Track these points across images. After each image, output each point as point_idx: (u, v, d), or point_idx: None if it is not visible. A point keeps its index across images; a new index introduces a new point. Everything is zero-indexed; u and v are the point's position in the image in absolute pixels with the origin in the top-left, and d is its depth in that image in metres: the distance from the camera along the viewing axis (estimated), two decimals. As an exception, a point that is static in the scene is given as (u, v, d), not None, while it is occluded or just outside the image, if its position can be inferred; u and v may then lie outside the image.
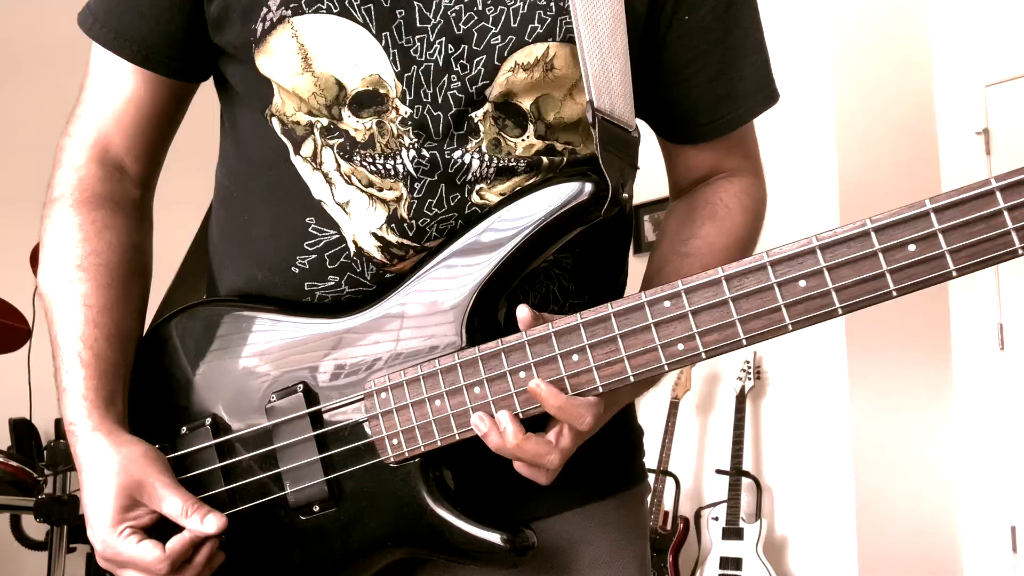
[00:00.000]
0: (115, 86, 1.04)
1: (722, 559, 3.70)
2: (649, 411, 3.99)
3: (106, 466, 0.93)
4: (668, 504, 3.97)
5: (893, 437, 3.87)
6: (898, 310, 3.82)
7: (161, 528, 0.94)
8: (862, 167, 3.90)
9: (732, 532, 3.72)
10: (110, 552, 0.93)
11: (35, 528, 3.25)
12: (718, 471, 3.88)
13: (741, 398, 3.87)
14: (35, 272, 1.04)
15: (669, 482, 3.94)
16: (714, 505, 3.83)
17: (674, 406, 3.99)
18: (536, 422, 0.87)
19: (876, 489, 3.75)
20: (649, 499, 3.51)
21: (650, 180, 1.66)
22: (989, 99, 4.26)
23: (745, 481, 3.80)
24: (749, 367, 3.90)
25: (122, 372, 1.00)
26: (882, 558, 3.70)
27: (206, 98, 1.10)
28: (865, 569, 3.65)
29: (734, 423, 3.85)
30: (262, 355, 0.98)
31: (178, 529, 0.93)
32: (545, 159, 0.95)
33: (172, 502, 0.93)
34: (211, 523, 0.92)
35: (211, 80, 1.08)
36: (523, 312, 0.86)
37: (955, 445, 4.14)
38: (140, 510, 0.94)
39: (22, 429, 3.49)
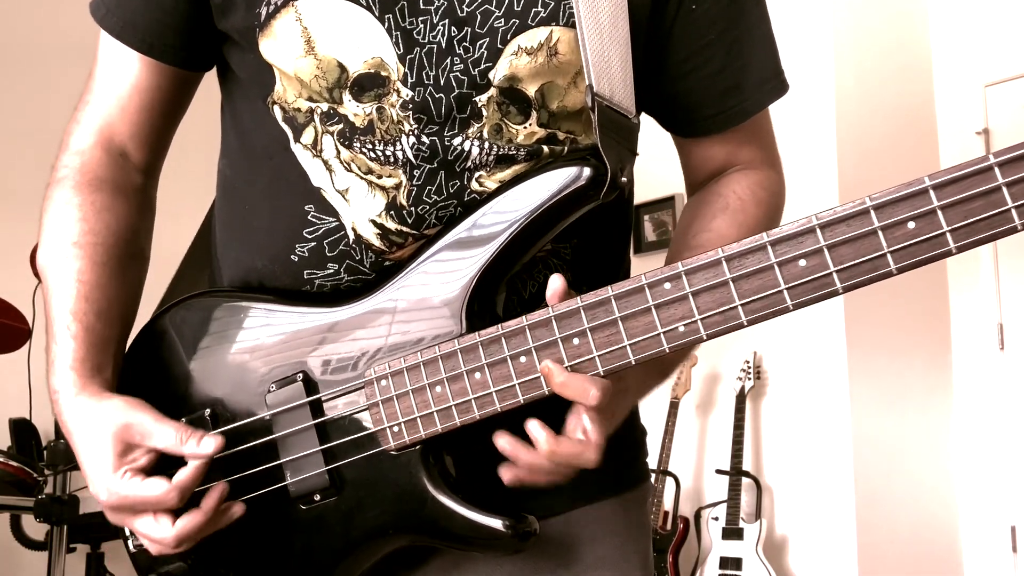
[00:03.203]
0: (121, 74, 1.05)
1: (722, 559, 3.70)
2: (649, 411, 3.96)
3: (94, 421, 0.94)
4: (668, 504, 3.97)
5: (893, 437, 3.86)
6: (898, 309, 3.86)
7: (162, 471, 0.94)
8: (862, 167, 3.90)
9: (732, 532, 3.71)
10: (116, 499, 0.93)
11: (35, 528, 3.24)
12: (718, 471, 3.87)
13: (741, 398, 3.87)
14: (35, 272, 1.05)
15: (669, 482, 3.94)
16: (714, 505, 3.83)
17: (674, 406, 3.98)
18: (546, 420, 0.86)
19: (876, 489, 3.74)
20: (649, 499, 3.49)
21: (650, 180, 1.67)
22: (989, 99, 4.25)
23: (745, 481, 3.79)
24: (749, 367, 3.90)
25: (112, 348, 1.00)
26: (882, 558, 3.70)
27: (214, 92, 1.11)
28: (865, 569, 3.64)
29: (734, 423, 3.84)
30: (261, 345, 0.98)
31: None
32: (546, 148, 0.95)
33: (164, 433, 0.93)
34: (208, 444, 0.92)
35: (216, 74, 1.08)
36: (557, 282, 0.85)
37: (955, 445, 4.13)
38: (136, 452, 0.94)
39: (22, 429, 3.49)
